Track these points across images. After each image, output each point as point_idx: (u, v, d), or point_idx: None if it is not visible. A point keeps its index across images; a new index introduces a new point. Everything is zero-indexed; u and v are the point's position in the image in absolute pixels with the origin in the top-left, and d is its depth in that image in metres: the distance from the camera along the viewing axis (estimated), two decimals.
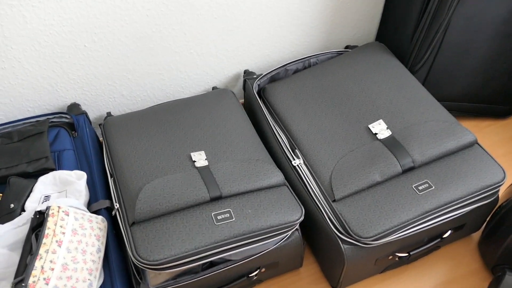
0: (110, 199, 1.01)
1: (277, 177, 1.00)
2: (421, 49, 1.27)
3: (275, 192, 0.98)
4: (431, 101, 1.15)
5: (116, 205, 0.96)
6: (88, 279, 0.84)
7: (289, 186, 1.01)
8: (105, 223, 0.94)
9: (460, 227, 1.07)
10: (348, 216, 0.95)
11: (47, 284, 0.78)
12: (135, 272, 0.91)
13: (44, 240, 0.82)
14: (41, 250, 0.80)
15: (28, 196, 0.97)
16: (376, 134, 1.07)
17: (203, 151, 1.02)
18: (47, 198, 0.98)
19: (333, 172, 1.02)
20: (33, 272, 0.78)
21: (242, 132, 1.09)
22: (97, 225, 0.91)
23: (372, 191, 0.99)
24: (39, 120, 1.12)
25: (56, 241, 0.83)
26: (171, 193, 0.92)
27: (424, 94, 1.17)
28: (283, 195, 0.98)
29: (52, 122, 1.14)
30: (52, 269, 0.80)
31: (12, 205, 0.95)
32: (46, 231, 0.83)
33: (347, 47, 1.45)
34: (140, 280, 0.90)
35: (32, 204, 0.96)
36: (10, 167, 1.01)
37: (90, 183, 1.03)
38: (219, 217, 0.90)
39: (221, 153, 1.02)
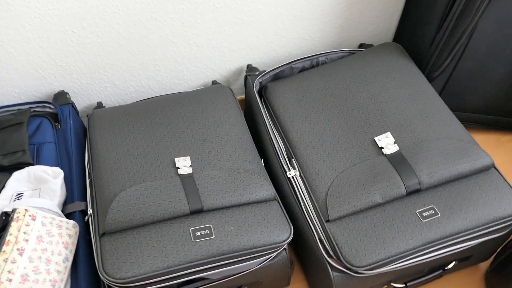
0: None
1: (267, 191, 0.91)
2: (442, 54, 1.15)
3: (263, 207, 0.90)
4: (447, 114, 1.03)
5: (90, 211, 0.89)
6: None
7: (279, 201, 0.93)
8: (77, 228, 0.87)
9: (466, 258, 0.98)
10: (341, 240, 0.86)
11: None
12: (105, 284, 0.85)
13: (4, 248, 0.75)
14: (0, 259, 0.74)
15: None
16: (382, 148, 0.97)
17: (188, 157, 0.93)
18: (19, 196, 0.91)
19: (330, 188, 0.93)
20: None
21: (235, 137, 1.00)
22: (66, 231, 0.85)
23: (370, 213, 0.90)
24: (21, 109, 1.06)
25: (18, 249, 0.76)
26: (148, 203, 0.84)
27: (439, 106, 1.05)
28: (271, 212, 0.89)
29: (35, 111, 1.07)
30: (10, 280, 0.74)
31: None
32: (8, 238, 0.76)
33: (361, 45, 1.33)
34: None
35: (3, 202, 0.90)
36: None
37: (68, 181, 0.96)
38: (197, 234, 0.82)
39: (208, 160, 0.94)
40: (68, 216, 0.91)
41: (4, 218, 0.82)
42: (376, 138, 0.99)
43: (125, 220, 0.82)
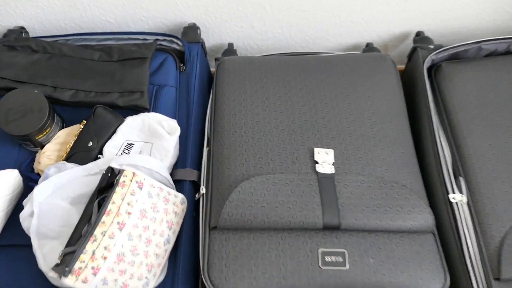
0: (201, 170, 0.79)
1: (425, 220, 0.69)
2: None
3: (416, 240, 0.68)
4: None
5: (203, 189, 0.74)
6: (145, 277, 0.66)
7: (436, 235, 0.70)
8: (185, 205, 0.73)
9: None
10: None
11: (94, 274, 0.62)
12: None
13: (103, 218, 0.64)
14: (97, 231, 0.63)
15: (110, 137, 0.80)
16: None
17: (332, 150, 0.73)
18: (129, 146, 0.79)
19: (510, 234, 0.68)
20: (82, 256, 0.62)
21: (393, 133, 0.77)
22: (173, 207, 0.71)
23: None
24: (146, 40, 0.91)
25: (118, 223, 0.64)
26: (273, 203, 0.67)
27: None
28: (425, 248, 0.68)
29: (160, 45, 0.91)
30: (105, 258, 0.63)
31: (90, 143, 0.79)
32: (109, 207, 0.65)
33: None
34: None
35: (112, 150, 0.79)
36: (101, 93, 0.84)
37: (182, 140, 0.82)
38: (327, 258, 0.64)
39: (356, 160, 0.72)
40: (176, 183, 0.77)
41: (110, 175, 0.70)
42: None
43: (244, 218, 0.66)
